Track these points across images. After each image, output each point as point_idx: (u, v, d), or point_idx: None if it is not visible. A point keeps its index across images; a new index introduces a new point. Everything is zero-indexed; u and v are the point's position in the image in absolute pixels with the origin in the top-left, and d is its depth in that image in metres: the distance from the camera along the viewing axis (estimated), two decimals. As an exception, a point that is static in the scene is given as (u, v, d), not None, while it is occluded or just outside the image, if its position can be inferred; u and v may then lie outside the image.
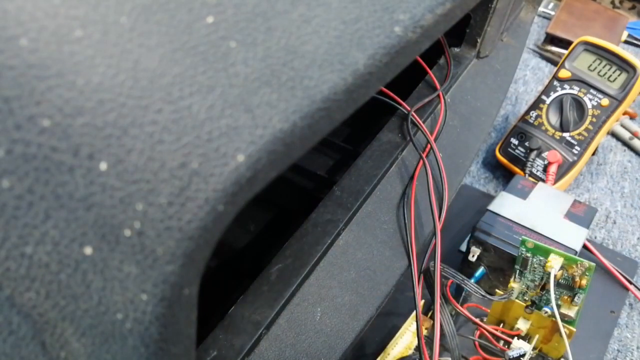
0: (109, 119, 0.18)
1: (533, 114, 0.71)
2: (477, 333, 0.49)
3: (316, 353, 0.37)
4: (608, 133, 0.81)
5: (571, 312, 0.46)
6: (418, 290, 0.42)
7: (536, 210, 0.55)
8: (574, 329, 0.46)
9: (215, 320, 0.36)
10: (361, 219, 0.44)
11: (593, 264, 0.45)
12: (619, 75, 0.68)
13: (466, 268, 0.54)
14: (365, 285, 0.41)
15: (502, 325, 0.50)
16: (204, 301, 0.23)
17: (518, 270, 0.48)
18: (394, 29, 0.24)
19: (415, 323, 0.44)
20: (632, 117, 0.84)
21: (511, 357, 0.45)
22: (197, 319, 0.21)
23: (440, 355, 0.38)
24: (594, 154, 0.72)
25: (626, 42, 0.99)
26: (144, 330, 0.19)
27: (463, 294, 0.52)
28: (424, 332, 0.46)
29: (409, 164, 0.49)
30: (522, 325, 0.48)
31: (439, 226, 0.44)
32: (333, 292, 0.40)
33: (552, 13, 1.02)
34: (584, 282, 0.45)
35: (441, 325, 0.40)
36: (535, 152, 0.69)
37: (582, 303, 0.46)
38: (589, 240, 0.60)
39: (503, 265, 0.52)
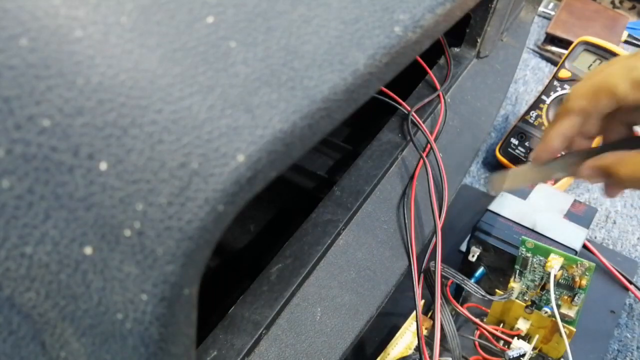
0: (109, 119, 0.18)
1: (533, 114, 0.71)
2: (477, 333, 0.49)
3: (316, 353, 0.37)
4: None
5: (571, 312, 0.46)
6: (418, 290, 0.42)
7: (536, 210, 0.55)
8: (574, 329, 0.46)
9: (215, 320, 0.36)
10: (361, 219, 0.44)
11: (593, 264, 0.45)
12: (619, 75, 0.68)
13: (466, 268, 0.54)
14: (365, 285, 0.41)
15: (502, 325, 0.50)
16: (204, 301, 0.23)
17: (518, 270, 0.48)
18: (394, 29, 0.24)
19: (415, 323, 0.44)
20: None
21: (511, 357, 0.45)
22: (197, 319, 0.21)
23: (440, 355, 0.38)
24: (594, 154, 0.72)
25: (626, 42, 0.99)
26: (144, 330, 0.19)
27: (463, 294, 0.52)
28: (424, 332, 0.46)
29: (409, 164, 0.49)
30: (522, 325, 0.48)
31: (439, 225, 0.44)
32: (333, 292, 0.40)
33: (552, 13, 1.02)
34: (584, 282, 0.45)
35: (441, 325, 0.40)
36: (535, 152, 0.69)
37: (582, 303, 0.46)
38: (589, 240, 0.60)
39: (503, 265, 0.52)
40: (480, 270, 0.53)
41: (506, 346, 0.46)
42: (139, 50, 0.19)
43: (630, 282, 0.59)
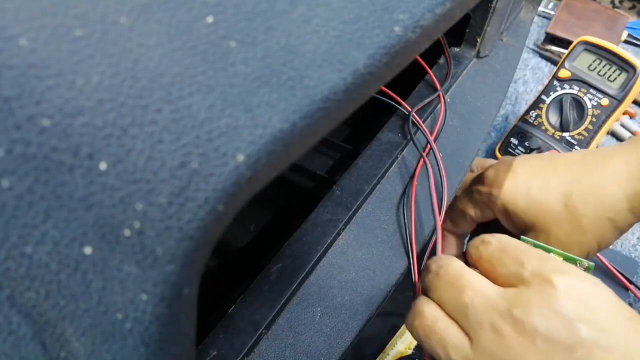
0: (109, 119, 0.18)
1: (533, 114, 0.71)
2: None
3: (316, 353, 0.37)
4: (608, 133, 0.81)
5: (571, 312, 0.46)
6: (418, 290, 0.42)
7: (536, 210, 0.55)
8: (574, 329, 0.46)
9: (215, 320, 0.36)
10: (361, 219, 0.44)
11: (592, 263, 0.45)
12: (619, 75, 0.68)
13: (466, 268, 0.53)
14: (365, 285, 0.41)
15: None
16: (204, 301, 0.23)
17: (518, 270, 0.48)
18: (394, 29, 0.24)
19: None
20: (632, 117, 0.84)
21: (511, 357, 0.44)
22: (197, 319, 0.21)
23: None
24: (594, 154, 0.72)
25: (626, 42, 0.99)
26: (144, 330, 0.19)
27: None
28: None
29: (409, 163, 0.49)
30: (522, 325, 0.48)
31: (439, 225, 0.44)
32: (333, 292, 0.40)
33: (552, 13, 1.02)
34: (584, 282, 0.45)
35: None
36: (535, 152, 0.69)
37: (582, 303, 0.46)
38: (589, 240, 0.60)
39: (503, 265, 0.52)
40: (480, 270, 0.53)
41: (506, 346, 0.46)
42: (139, 50, 0.19)
43: (631, 282, 0.59)
